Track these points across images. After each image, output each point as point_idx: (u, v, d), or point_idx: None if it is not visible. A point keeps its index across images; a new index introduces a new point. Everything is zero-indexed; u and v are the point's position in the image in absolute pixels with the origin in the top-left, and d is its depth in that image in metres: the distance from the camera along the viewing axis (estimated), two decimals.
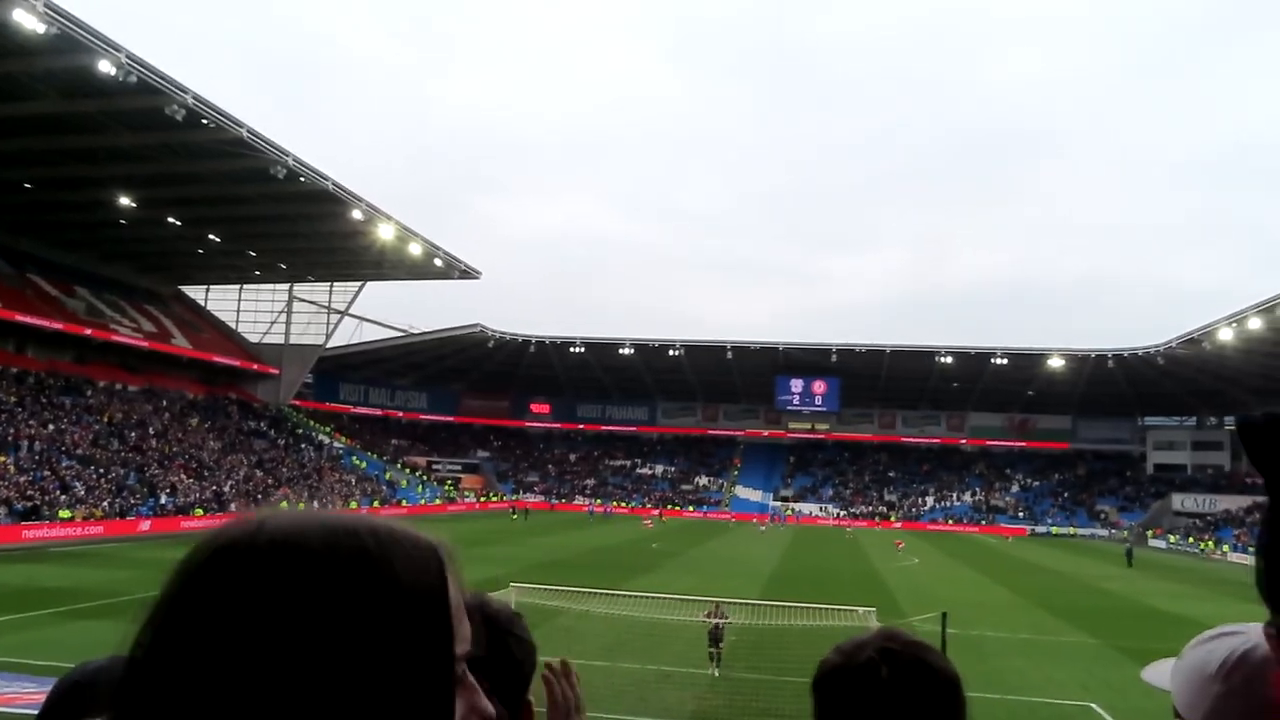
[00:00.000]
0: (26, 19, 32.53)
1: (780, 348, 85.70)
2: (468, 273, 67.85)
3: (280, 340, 75.54)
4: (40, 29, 32.95)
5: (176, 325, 66.43)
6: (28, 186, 48.53)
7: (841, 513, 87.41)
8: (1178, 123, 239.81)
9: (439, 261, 64.38)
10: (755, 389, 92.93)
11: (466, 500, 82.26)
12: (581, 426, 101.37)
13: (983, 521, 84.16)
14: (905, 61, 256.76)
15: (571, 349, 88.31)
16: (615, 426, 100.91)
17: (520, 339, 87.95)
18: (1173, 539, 71.26)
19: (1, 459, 43.49)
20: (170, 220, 55.00)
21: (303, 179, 47.44)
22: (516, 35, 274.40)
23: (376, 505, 64.43)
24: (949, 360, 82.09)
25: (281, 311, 75.44)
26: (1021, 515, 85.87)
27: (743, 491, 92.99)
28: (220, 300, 75.83)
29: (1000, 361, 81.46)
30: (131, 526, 44.51)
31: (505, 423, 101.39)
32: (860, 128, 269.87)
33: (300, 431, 73.31)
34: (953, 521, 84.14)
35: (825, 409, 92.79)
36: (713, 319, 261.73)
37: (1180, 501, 79.24)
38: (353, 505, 60.77)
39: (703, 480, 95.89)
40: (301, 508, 0.71)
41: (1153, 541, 72.25)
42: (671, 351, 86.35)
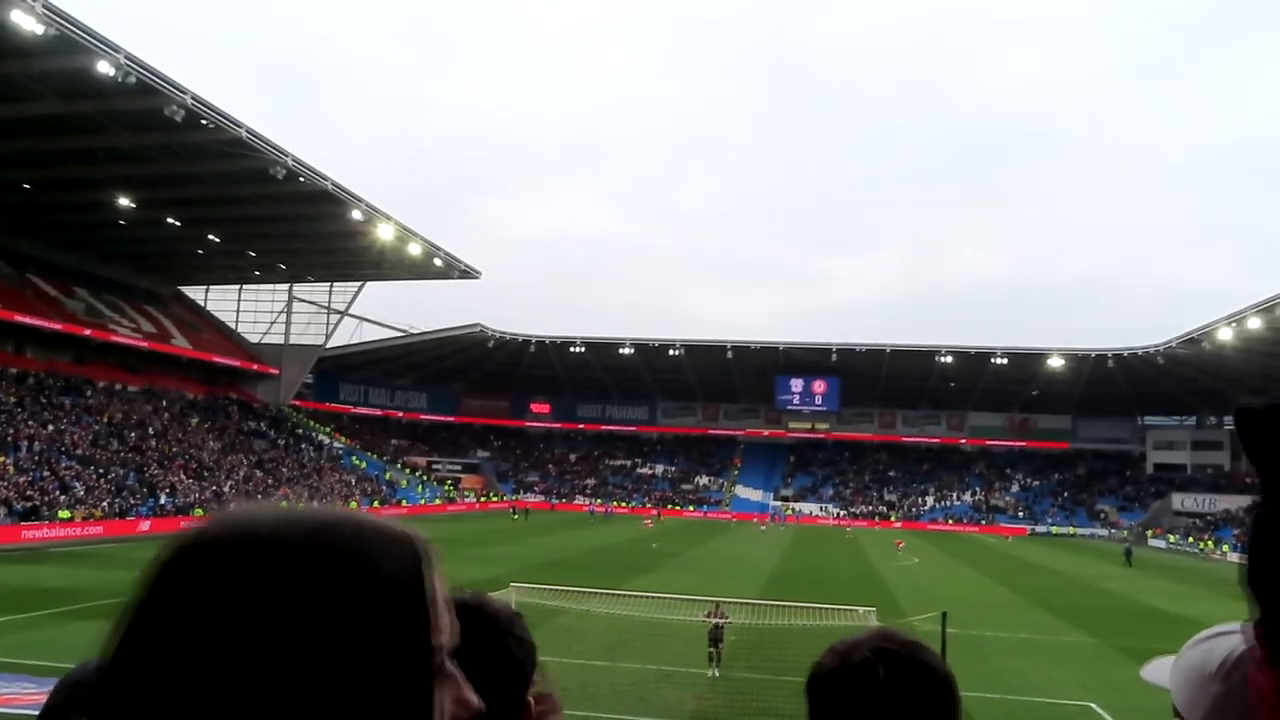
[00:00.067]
0: (25, 20, 32.49)
1: (780, 347, 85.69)
2: (467, 273, 67.84)
3: (280, 340, 75.54)
4: (39, 30, 32.90)
5: (176, 325, 66.42)
6: (27, 187, 48.53)
7: (841, 512, 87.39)
8: (1177, 123, 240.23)
9: (439, 261, 64.36)
10: (755, 389, 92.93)
11: (466, 500, 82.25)
12: (582, 426, 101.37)
13: (983, 521, 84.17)
14: (904, 62, 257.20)
15: (571, 349, 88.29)
16: (615, 426, 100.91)
17: (520, 339, 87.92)
18: (1172, 539, 71.25)
19: (1, 459, 43.48)
20: (170, 221, 55.00)
21: (302, 179, 47.45)
22: (516, 36, 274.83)
23: (376, 505, 64.37)
24: (949, 360, 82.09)
25: (281, 312, 75.44)
26: (1021, 515, 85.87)
27: (743, 491, 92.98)
28: (220, 300, 75.88)
29: (1000, 361, 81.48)
30: (131, 527, 44.51)
31: (505, 423, 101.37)
32: (859, 128, 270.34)
33: (300, 432, 73.31)
34: (953, 521, 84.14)
35: (825, 409, 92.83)
36: (712, 319, 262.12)
37: (1180, 501, 79.22)
38: (353, 505, 60.60)
39: (703, 480, 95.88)
40: (284, 506, 0.72)
41: (1152, 541, 72.24)
42: (671, 351, 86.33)
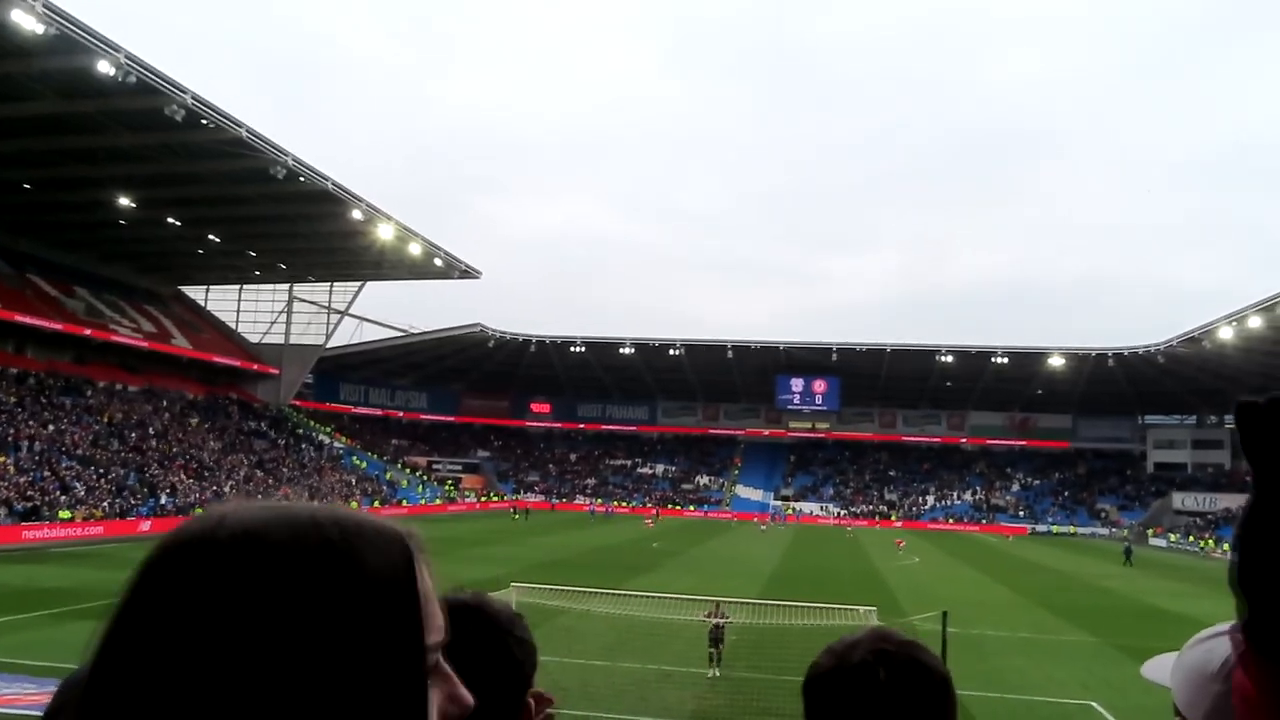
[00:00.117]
0: (25, 19, 32.47)
1: (781, 347, 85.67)
2: (468, 272, 67.82)
3: (280, 340, 75.52)
4: (39, 29, 32.88)
5: (176, 325, 66.42)
6: (27, 187, 48.53)
7: (842, 512, 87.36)
8: (1178, 123, 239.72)
9: (439, 261, 64.34)
10: (756, 388, 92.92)
11: (467, 500, 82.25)
12: (582, 426, 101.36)
13: (983, 520, 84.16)
14: (905, 61, 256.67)
15: (572, 349, 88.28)
16: (616, 426, 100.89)
17: (520, 339, 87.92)
18: (1173, 538, 71.23)
19: (1, 459, 43.48)
20: (170, 220, 54.99)
21: (302, 179, 47.44)
22: (516, 35, 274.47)
23: (377, 505, 64.37)
24: (949, 359, 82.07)
25: (281, 312, 75.43)
26: (1022, 514, 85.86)
27: (743, 491, 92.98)
28: (220, 300, 75.86)
29: (1001, 360, 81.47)
30: (132, 527, 44.48)
31: (506, 422, 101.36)
32: (860, 128, 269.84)
33: (300, 432, 73.31)
34: (953, 520, 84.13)
35: (826, 408, 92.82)
36: (712, 319, 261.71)
37: (1180, 500, 79.18)
38: (353, 505, 60.48)
39: (703, 480, 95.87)
40: (273, 503, 0.70)
41: (1153, 540, 72.24)
42: (672, 351, 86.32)
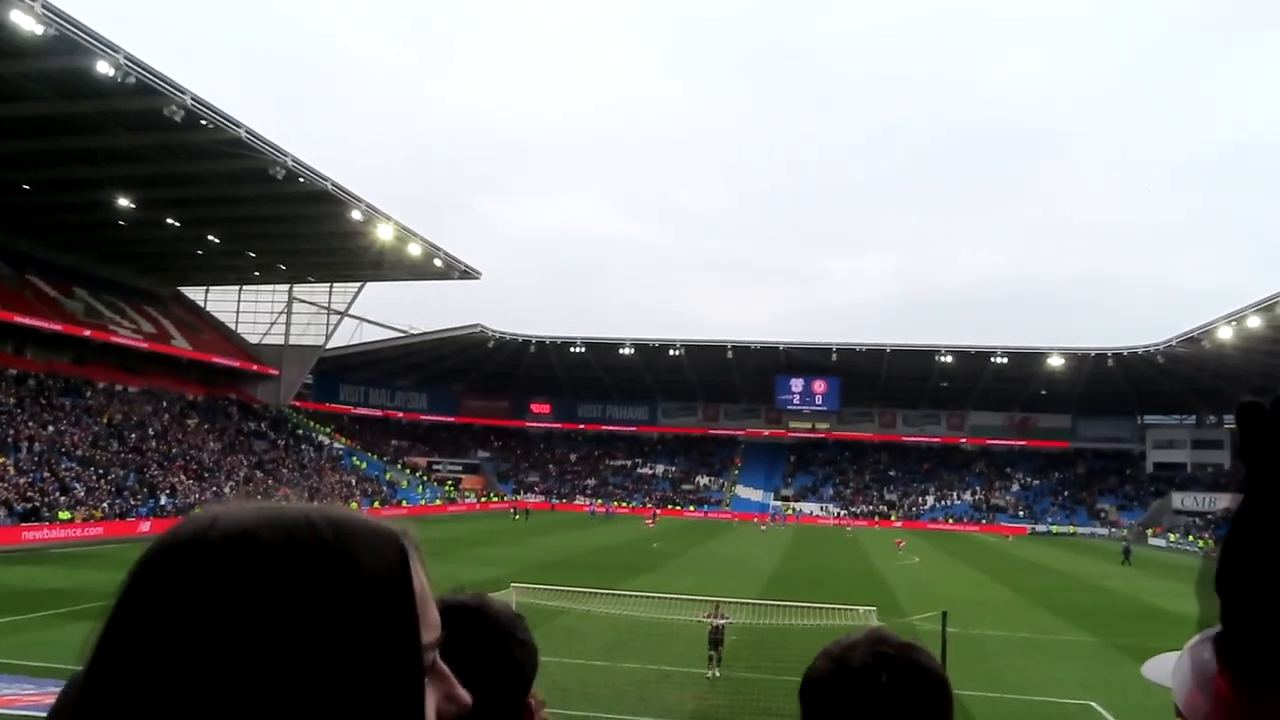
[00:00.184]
0: (24, 20, 32.45)
1: (781, 347, 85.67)
2: (468, 273, 67.80)
3: (280, 341, 75.50)
4: (38, 30, 32.87)
5: (176, 326, 66.41)
6: (26, 188, 48.50)
7: (842, 512, 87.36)
8: (1178, 123, 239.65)
9: (439, 262, 64.33)
10: (756, 388, 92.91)
11: (467, 501, 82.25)
12: (582, 426, 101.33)
13: (983, 520, 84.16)
14: (905, 61, 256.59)
15: (572, 349, 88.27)
16: (616, 426, 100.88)
17: (520, 339, 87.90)
18: (1173, 537, 71.22)
19: (1, 460, 43.47)
20: (169, 221, 54.96)
21: (302, 179, 47.42)
22: (516, 35, 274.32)
23: (377, 506, 64.39)
24: (949, 359, 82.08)
25: (281, 312, 75.41)
26: (1022, 514, 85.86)
27: (743, 491, 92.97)
28: (219, 301, 75.83)
29: (1000, 361, 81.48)
30: (131, 528, 44.45)
31: (506, 423, 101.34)
32: (860, 128, 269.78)
33: (300, 432, 73.30)
34: (953, 520, 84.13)
35: (826, 408, 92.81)
36: (712, 319, 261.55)
37: (1180, 500, 79.17)
38: (353, 506, 60.59)
39: (703, 480, 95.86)
40: (267, 503, 0.70)
41: (1153, 540, 72.24)
42: (672, 351, 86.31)
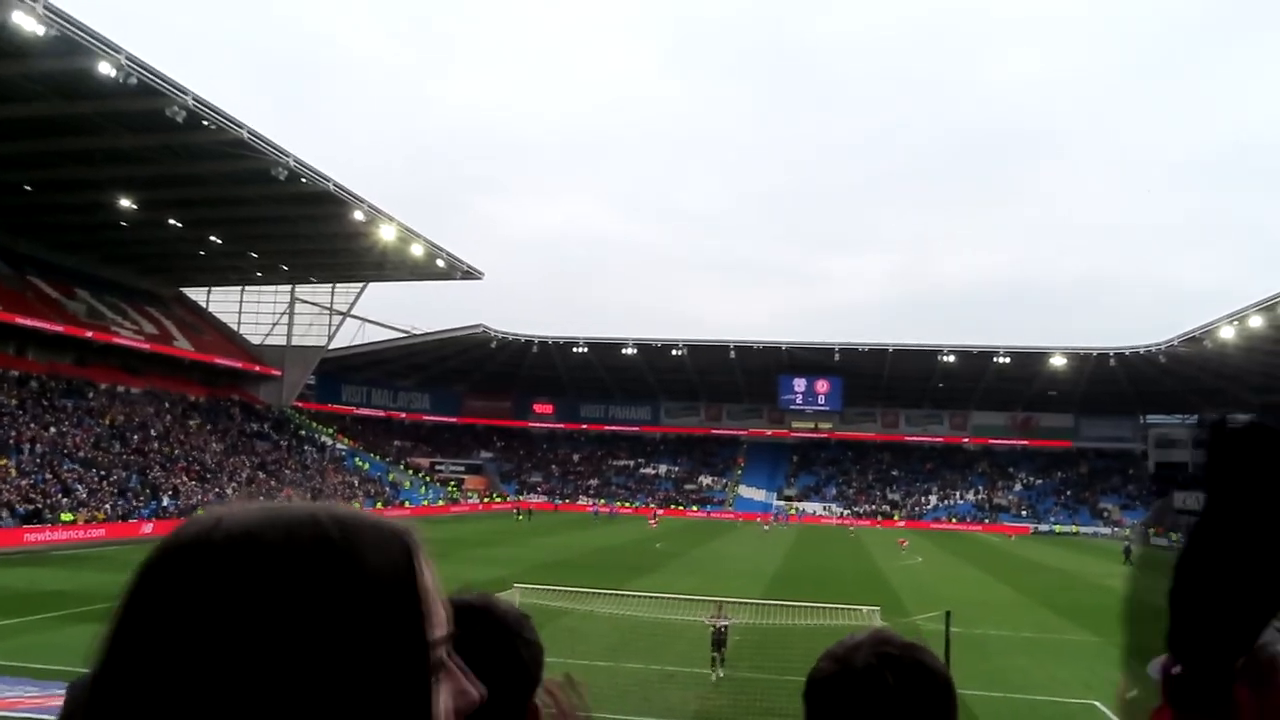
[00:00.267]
0: (25, 21, 32.46)
1: (783, 347, 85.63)
2: (470, 273, 67.79)
3: (282, 342, 75.52)
4: (40, 31, 32.88)
5: (178, 327, 66.44)
6: (28, 189, 48.54)
7: (845, 512, 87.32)
8: (1177, 123, 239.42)
9: (441, 262, 64.33)
10: (758, 388, 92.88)
11: (470, 501, 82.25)
12: (585, 427, 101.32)
13: (986, 520, 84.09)
14: (905, 61, 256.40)
15: (574, 349, 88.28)
16: (618, 426, 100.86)
17: (523, 339, 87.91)
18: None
19: (3, 462, 43.49)
20: (171, 222, 54.97)
21: (304, 180, 47.43)
22: (516, 35, 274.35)
23: (380, 506, 64.35)
24: (951, 359, 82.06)
25: (283, 313, 75.43)
26: (1024, 514, 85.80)
27: (746, 491, 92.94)
28: (222, 302, 75.83)
29: (1002, 360, 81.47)
30: (134, 529, 44.47)
31: (508, 423, 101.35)
32: (860, 128, 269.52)
33: (303, 433, 73.31)
34: (956, 520, 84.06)
35: (828, 408, 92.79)
36: (713, 319, 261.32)
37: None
38: (355, 506, 60.55)
39: (706, 480, 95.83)
40: (271, 502, 0.70)
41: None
42: (674, 351, 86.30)
